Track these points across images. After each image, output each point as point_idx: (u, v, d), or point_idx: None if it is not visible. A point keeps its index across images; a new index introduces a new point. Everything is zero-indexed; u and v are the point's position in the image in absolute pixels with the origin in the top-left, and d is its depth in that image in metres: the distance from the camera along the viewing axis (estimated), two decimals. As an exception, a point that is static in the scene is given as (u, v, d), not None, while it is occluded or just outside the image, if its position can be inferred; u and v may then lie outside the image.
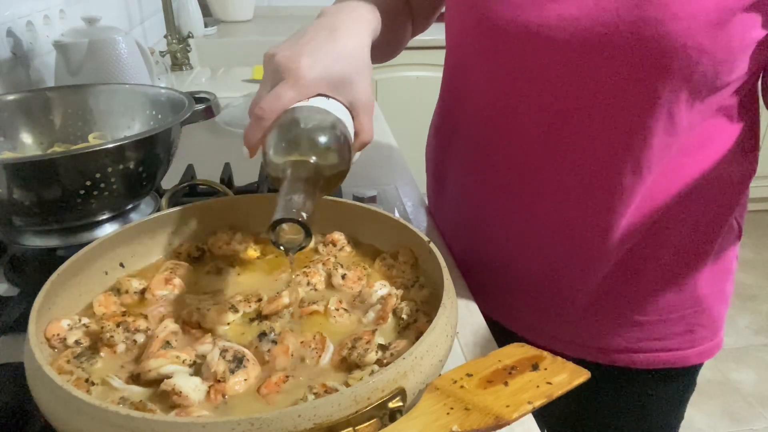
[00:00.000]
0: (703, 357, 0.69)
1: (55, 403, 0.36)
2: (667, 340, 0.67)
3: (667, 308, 0.65)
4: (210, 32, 2.12)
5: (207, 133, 1.15)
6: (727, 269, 0.67)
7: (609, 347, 0.68)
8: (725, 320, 0.71)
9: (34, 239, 0.67)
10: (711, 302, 0.66)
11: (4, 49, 0.96)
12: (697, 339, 0.68)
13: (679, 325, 0.66)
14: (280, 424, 0.33)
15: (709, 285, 0.65)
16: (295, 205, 0.41)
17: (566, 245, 0.63)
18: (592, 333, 0.68)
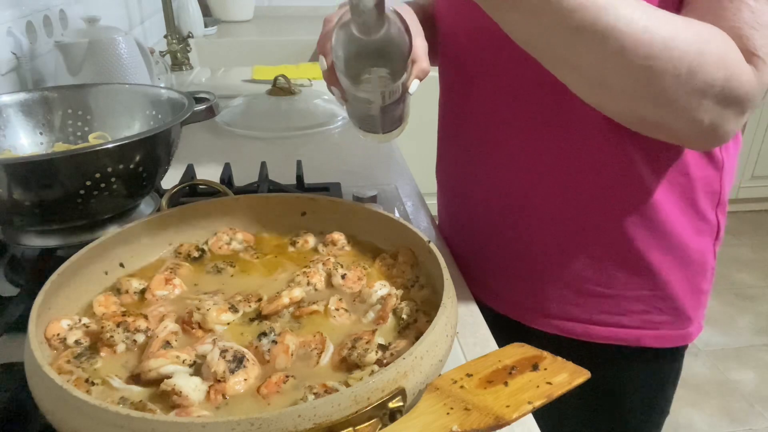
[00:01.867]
0: (662, 342, 0.69)
1: (55, 403, 0.36)
2: (623, 316, 0.68)
3: (622, 284, 0.66)
4: (210, 32, 2.12)
5: (207, 133, 1.15)
6: (700, 264, 0.67)
7: (569, 316, 0.70)
8: (702, 318, 0.71)
9: (34, 239, 0.67)
10: (675, 291, 0.67)
11: (4, 49, 0.96)
12: (655, 323, 0.68)
13: (635, 304, 0.67)
14: (280, 424, 0.33)
15: (672, 273, 0.66)
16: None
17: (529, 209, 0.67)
18: (555, 301, 0.70)
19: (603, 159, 0.61)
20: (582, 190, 0.63)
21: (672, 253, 0.65)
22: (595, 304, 0.68)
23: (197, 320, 0.46)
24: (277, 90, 1.30)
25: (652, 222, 0.63)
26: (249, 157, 1.02)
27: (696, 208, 0.64)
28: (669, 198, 0.62)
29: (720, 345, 2.14)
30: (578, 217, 0.64)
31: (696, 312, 0.70)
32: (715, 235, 0.67)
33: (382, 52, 0.50)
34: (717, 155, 0.62)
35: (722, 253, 0.70)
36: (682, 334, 0.70)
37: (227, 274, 0.56)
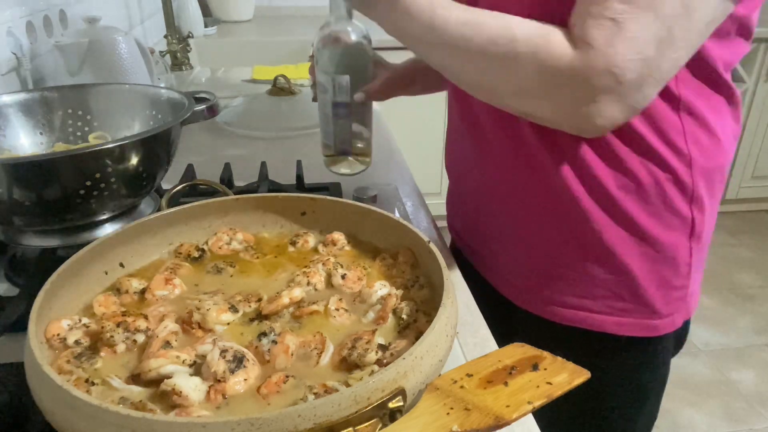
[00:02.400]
0: (624, 330, 0.69)
1: (55, 402, 0.36)
2: (586, 299, 0.69)
3: (587, 266, 0.67)
4: (210, 32, 2.12)
5: (207, 133, 1.15)
6: (670, 259, 0.67)
7: (538, 296, 0.72)
8: (679, 315, 0.71)
9: (34, 239, 0.67)
10: (639, 282, 0.67)
11: (4, 49, 0.96)
12: (618, 309, 0.68)
13: (598, 288, 0.68)
14: (280, 424, 0.33)
15: (636, 263, 0.66)
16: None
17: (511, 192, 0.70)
18: (521, 276, 0.73)
19: (563, 156, 0.63)
20: (549, 181, 0.65)
21: (636, 244, 0.65)
22: (563, 285, 0.69)
23: (197, 320, 0.46)
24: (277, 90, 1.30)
25: (616, 213, 0.64)
26: (249, 157, 1.02)
27: (665, 202, 0.64)
28: (632, 191, 0.63)
29: (720, 345, 2.14)
30: (546, 204, 0.67)
31: (666, 307, 0.69)
32: (689, 231, 0.67)
33: (344, 57, 0.72)
34: (683, 150, 0.62)
35: (722, 253, 0.71)
36: (648, 325, 0.69)
37: (227, 274, 0.56)
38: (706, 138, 0.63)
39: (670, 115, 0.61)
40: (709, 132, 0.63)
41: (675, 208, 0.65)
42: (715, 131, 0.64)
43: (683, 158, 0.63)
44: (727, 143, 0.66)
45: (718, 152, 0.65)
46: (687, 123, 0.62)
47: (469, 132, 0.74)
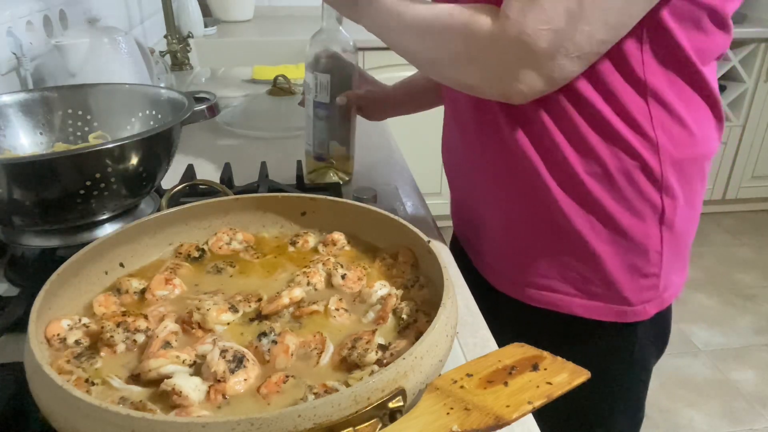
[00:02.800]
0: (592, 314, 0.70)
1: (55, 403, 0.36)
2: (557, 282, 0.70)
3: (558, 251, 0.69)
4: (210, 32, 2.12)
5: (207, 133, 1.15)
6: (639, 246, 0.68)
7: (514, 279, 0.74)
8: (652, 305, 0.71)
9: (34, 239, 0.67)
10: (611, 269, 0.68)
11: (4, 49, 0.96)
12: (585, 292, 0.69)
13: (569, 272, 0.69)
14: (280, 424, 0.33)
15: (603, 248, 0.67)
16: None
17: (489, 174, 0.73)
18: (500, 260, 0.75)
19: (534, 141, 0.66)
20: (521, 167, 0.67)
21: (605, 231, 0.66)
22: (536, 268, 0.71)
23: (197, 320, 0.46)
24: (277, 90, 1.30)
25: (585, 200, 0.65)
26: (249, 157, 1.02)
27: (634, 189, 0.65)
28: (601, 178, 0.64)
29: (720, 345, 2.14)
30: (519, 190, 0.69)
31: (636, 295, 0.70)
32: (659, 219, 0.67)
33: (329, 60, 0.81)
34: (651, 136, 0.63)
35: (722, 253, 0.70)
36: (617, 311, 0.70)
37: (227, 274, 0.56)
38: (677, 127, 0.64)
39: (637, 100, 0.62)
40: (681, 122, 0.64)
41: (644, 196, 0.65)
42: (687, 122, 0.64)
43: (651, 145, 0.63)
44: (704, 137, 0.66)
45: (691, 143, 0.65)
46: (655, 109, 0.62)
47: (455, 121, 0.78)
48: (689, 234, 0.72)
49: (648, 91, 0.62)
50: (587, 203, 0.66)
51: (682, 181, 0.66)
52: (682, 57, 0.61)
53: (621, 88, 0.61)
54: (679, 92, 0.63)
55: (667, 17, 0.58)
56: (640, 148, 0.63)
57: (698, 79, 0.63)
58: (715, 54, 0.64)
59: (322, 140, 0.86)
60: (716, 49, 0.63)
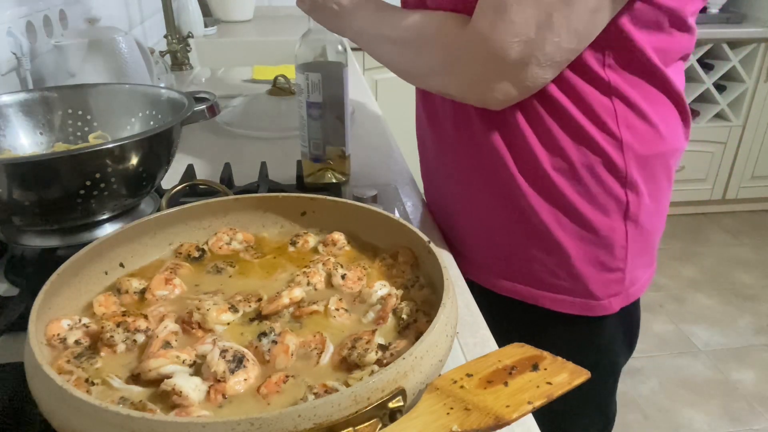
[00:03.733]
0: (558, 306, 0.71)
1: (55, 403, 0.36)
2: (521, 272, 0.72)
3: (527, 244, 0.70)
4: (210, 32, 2.12)
5: (207, 133, 1.15)
6: (604, 240, 0.68)
7: (486, 270, 0.75)
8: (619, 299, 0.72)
9: (34, 239, 0.67)
10: (576, 262, 0.69)
11: (4, 49, 0.96)
12: (552, 286, 0.71)
13: (537, 264, 0.70)
14: (280, 424, 0.33)
15: (567, 241, 0.68)
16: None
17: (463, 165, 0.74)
18: (472, 251, 0.77)
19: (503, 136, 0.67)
20: (489, 161, 0.69)
21: (571, 225, 0.67)
22: (507, 260, 0.73)
23: (197, 320, 0.46)
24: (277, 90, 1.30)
25: (551, 194, 0.67)
26: (249, 157, 1.02)
27: (599, 184, 0.66)
28: (567, 172, 0.65)
29: (720, 345, 2.14)
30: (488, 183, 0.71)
31: (602, 290, 0.71)
32: (623, 214, 0.68)
33: (319, 59, 0.82)
34: (615, 133, 0.64)
35: (722, 253, 0.71)
36: (583, 304, 0.71)
37: (227, 274, 0.56)
38: (641, 124, 0.65)
39: (602, 99, 0.63)
40: (645, 120, 0.65)
41: (608, 190, 0.66)
42: (652, 120, 0.65)
43: (615, 141, 0.64)
44: (669, 134, 0.67)
45: (655, 140, 0.66)
46: (619, 107, 0.64)
47: (427, 115, 0.79)
48: (655, 230, 0.73)
49: (612, 91, 0.63)
50: (553, 197, 0.67)
51: (647, 177, 0.67)
52: (643, 59, 0.62)
53: (587, 90, 0.63)
54: (642, 92, 0.64)
55: (626, 23, 0.60)
56: (604, 144, 0.64)
57: (661, 79, 0.65)
58: (678, 54, 0.66)
59: (317, 141, 0.86)
60: (679, 49, 0.65)
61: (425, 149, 0.84)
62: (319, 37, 0.82)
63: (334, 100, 0.83)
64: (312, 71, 0.81)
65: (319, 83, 0.82)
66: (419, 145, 0.87)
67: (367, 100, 1.38)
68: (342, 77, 0.83)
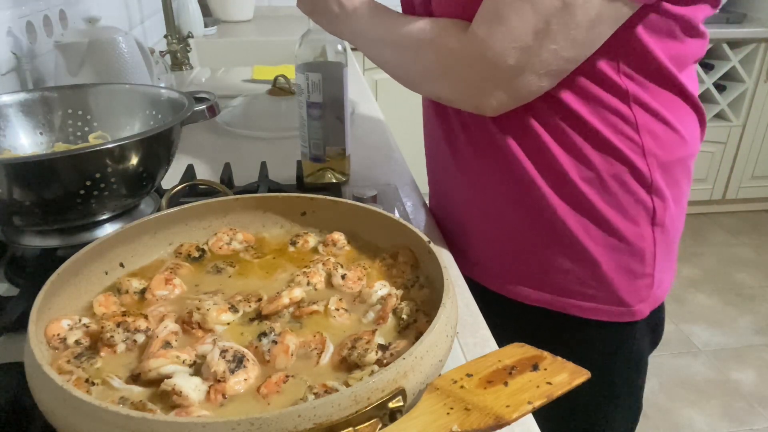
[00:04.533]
0: (588, 314, 0.70)
1: (55, 403, 0.36)
2: (553, 281, 0.71)
3: (553, 254, 0.69)
4: (210, 32, 2.12)
5: (207, 133, 1.15)
6: (634, 247, 0.68)
7: (507, 279, 0.74)
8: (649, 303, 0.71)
9: (34, 239, 0.67)
10: (606, 271, 0.68)
11: (4, 49, 0.96)
12: (578, 291, 0.70)
13: (564, 273, 0.69)
14: (280, 424, 0.33)
15: (599, 249, 0.68)
16: None
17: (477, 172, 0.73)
18: (490, 259, 0.75)
19: (526, 147, 0.66)
20: (512, 171, 0.68)
21: (600, 234, 0.67)
22: (531, 268, 0.71)
23: (197, 320, 0.46)
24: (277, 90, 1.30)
25: (579, 204, 0.66)
26: (249, 157, 1.02)
27: (626, 192, 0.66)
28: (594, 183, 0.65)
29: (720, 345, 2.14)
30: (511, 193, 0.69)
31: (632, 296, 0.70)
32: (651, 220, 0.68)
33: (318, 59, 0.82)
34: (636, 140, 0.64)
35: (722, 253, 0.71)
36: (613, 311, 0.70)
37: (227, 274, 0.56)
38: (661, 130, 0.65)
39: (621, 107, 0.63)
40: (664, 124, 0.65)
41: (636, 198, 0.66)
42: (671, 124, 0.65)
43: (637, 148, 0.64)
44: (689, 137, 0.67)
45: (676, 144, 0.66)
46: (638, 114, 0.64)
47: (441, 126, 0.78)
48: (678, 232, 0.73)
49: (630, 98, 0.63)
50: (581, 207, 0.66)
51: (670, 182, 0.67)
52: (658, 66, 0.62)
53: (605, 99, 0.63)
54: (660, 98, 0.64)
55: (641, 32, 0.60)
56: (627, 152, 0.64)
57: (677, 84, 0.65)
58: (692, 60, 0.66)
59: (317, 141, 0.86)
60: (692, 54, 0.65)
61: (435, 156, 0.83)
62: (319, 37, 0.82)
63: (334, 100, 0.83)
64: (312, 71, 0.82)
65: (319, 83, 0.82)
66: (427, 151, 0.86)
67: (367, 100, 1.38)
68: (342, 77, 0.83)
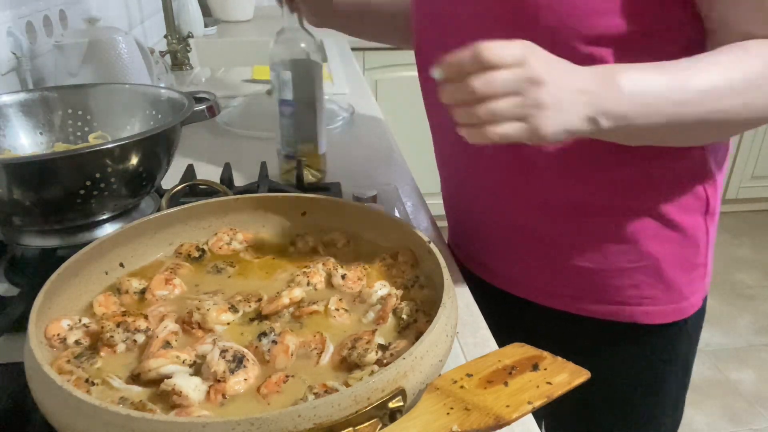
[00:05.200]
0: (653, 318, 0.69)
1: (55, 403, 0.36)
2: (611, 291, 0.68)
3: (610, 258, 0.67)
4: (210, 32, 2.12)
5: (207, 133, 1.15)
6: (691, 239, 0.67)
7: (558, 292, 0.71)
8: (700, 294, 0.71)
9: (34, 239, 0.67)
10: (664, 265, 0.67)
11: (4, 49, 0.96)
12: (646, 298, 0.68)
13: (622, 278, 0.67)
14: (280, 424, 0.33)
15: (660, 247, 0.66)
16: None
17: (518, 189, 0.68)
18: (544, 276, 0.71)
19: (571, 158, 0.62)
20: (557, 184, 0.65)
21: (657, 229, 0.65)
22: (584, 277, 0.69)
23: (197, 320, 0.46)
24: (277, 90, 1.29)
25: (636, 199, 0.64)
26: (249, 157, 1.02)
27: (683, 184, 0.64)
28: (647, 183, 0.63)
29: (720, 345, 2.14)
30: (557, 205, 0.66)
31: (690, 287, 0.69)
32: (704, 209, 0.67)
33: (291, 58, 0.82)
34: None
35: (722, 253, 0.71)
36: (675, 309, 0.69)
37: (227, 274, 0.56)
38: None
39: None
40: None
41: (690, 189, 0.65)
42: None
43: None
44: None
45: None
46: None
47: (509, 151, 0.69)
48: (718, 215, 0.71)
49: None
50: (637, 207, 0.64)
51: (717, 164, 0.66)
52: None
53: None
54: None
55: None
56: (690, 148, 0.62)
57: None
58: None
59: (289, 138, 0.87)
60: None
61: (456, 166, 0.78)
62: (295, 36, 0.82)
63: (305, 98, 0.84)
64: (283, 69, 0.82)
65: (290, 81, 0.82)
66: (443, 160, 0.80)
67: (367, 100, 1.38)
68: (314, 75, 0.84)
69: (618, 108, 0.47)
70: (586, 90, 0.47)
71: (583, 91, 0.47)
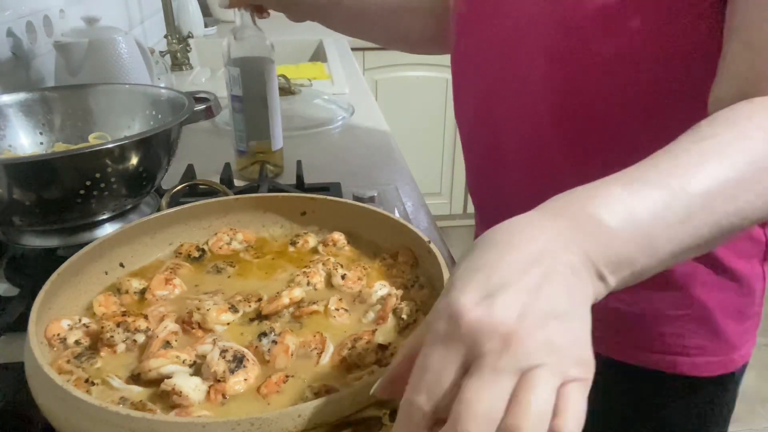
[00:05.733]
0: (700, 371, 0.65)
1: (55, 403, 0.36)
2: (656, 340, 0.65)
3: (656, 305, 0.63)
4: (210, 32, 2.12)
5: (207, 133, 1.15)
6: (745, 287, 0.63)
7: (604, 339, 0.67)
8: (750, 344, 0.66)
9: (34, 239, 0.67)
10: (717, 315, 0.63)
11: (4, 49, 0.96)
12: (692, 348, 0.64)
13: (669, 326, 0.64)
14: (280, 424, 0.33)
15: (710, 295, 0.62)
16: None
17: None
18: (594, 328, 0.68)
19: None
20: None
21: (709, 275, 0.61)
22: (633, 328, 0.65)
23: (197, 320, 0.46)
24: (276, 90, 1.29)
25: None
26: (249, 157, 1.02)
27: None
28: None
29: (720, 345, 2.14)
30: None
31: (741, 338, 0.65)
32: (762, 255, 0.63)
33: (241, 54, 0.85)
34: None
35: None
36: (724, 361, 0.65)
37: (227, 274, 0.56)
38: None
39: None
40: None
41: (747, 232, 0.61)
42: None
43: None
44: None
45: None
46: None
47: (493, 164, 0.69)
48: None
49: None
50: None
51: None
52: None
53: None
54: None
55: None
56: None
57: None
58: None
59: (240, 133, 0.89)
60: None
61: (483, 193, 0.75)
62: (244, 33, 0.85)
63: (255, 94, 0.86)
64: (233, 66, 0.85)
65: (239, 77, 0.85)
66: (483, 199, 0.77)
67: (367, 100, 1.38)
68: (264, 72, 0.85)
69: (617, 251, 0.36)
70: (568, 248, 0.35)
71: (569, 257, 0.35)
